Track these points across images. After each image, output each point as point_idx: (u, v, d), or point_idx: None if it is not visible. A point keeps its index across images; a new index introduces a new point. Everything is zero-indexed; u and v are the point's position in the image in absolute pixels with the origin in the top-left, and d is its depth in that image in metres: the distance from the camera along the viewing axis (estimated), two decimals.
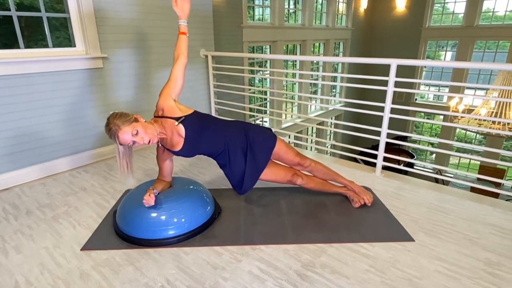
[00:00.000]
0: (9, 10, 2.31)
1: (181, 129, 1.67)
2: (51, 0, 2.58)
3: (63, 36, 2.70)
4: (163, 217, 1.67)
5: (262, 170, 1.85)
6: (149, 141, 1.57)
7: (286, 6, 6.54)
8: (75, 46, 2.64)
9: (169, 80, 1.71)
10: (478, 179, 5.65)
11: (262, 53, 6.31)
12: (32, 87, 2.39)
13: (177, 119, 1.66)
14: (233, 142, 1.79)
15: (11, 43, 2.39)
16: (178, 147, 1.71)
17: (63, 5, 2.56)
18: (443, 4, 8.48)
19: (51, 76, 2.48)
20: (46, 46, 2.56)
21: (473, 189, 3.25)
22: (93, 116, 2.79)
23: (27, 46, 2.44)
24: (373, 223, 1.86)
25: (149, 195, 1.65)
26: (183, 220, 1.70)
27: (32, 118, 2.43)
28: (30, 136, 2.44)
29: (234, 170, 1.83)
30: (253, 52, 6.00)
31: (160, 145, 1.75)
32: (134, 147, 1.63)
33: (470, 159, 9.25)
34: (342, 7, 8.18)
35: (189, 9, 1.82)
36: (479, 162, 7.93)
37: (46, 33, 2.53)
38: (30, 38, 2.52)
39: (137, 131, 1.52)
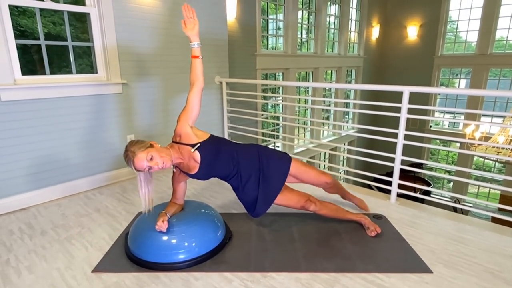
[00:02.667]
0: (38, 39, 2.47)
1: (197, 155, 1.71)
2: (76, 30, 2.75)
3: (85, 63, 2.85)
4: (174, 241, 1.67)
5: (276, 194, 1.85)
6: (163, 165, 1.61)
7: (299, 35, 6.73)
8: (97, 72, 2.77)
9: (186, 106, 1.75)
10: (500, 209, 5.42)
11: (275, 79, 6.44)
12: (55, 111, 2.50)
13: (193, 145, 1.70)
14: (246, 165, 1.82)
15: (38, 70, 2.54)
16: (194, 171, 1.74)
17: (87, 34, 2.73)
18: (455, 33, 8.55)
19: (74, 100, 2.59)
20: (70, 72, 2.70)
21: (494, 220, 3.11)
22: (111, 139, 2.87)
23: (52, 72, 2.58)
24: (389, 253, 1.79)
25: (162, 221, 1.66)
26: (193, 244, 1.69)
27: (53, 141, 2.52)
28: (50, 158, 2.52)
29: (247, 193, 1.84)
30: (266, 79, 6.14)
31: (176, 168, 1.78)
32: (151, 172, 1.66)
33: (490, 188, 8.93)
34: (354, 36, 8.36)
35: (198, 28, 1.74)
36: (499, 191, 7.64)
37: (71, 60, 2.68)
38: (54, 65, 2.67)
39: (152, 156, 1.57)
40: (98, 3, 2.63)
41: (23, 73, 2.36)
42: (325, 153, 8.08)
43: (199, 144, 1.71)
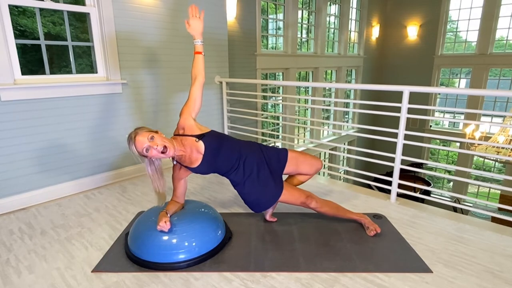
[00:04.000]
0: (38, 39, 2.47)
1: (201, 146, 1.73)
2: (76, 30, 2.75)
3: (85, 63, 2.85)
4: (174, 240, 1.66)
5: (281, 183, 1.92)
6: (165, 150, 1.58)
7: (299, 35, 6.72)
8: (97, 72, 2.77)
9: (188, 100, 1.79)
10: (500, 209, 5.43)
11: (275, 79, 6.44)
12: (55, 111, 2.50)
13: (197, 136, 1.72)
14: (249, 158, 1.85)
15: (37, 70, 2.54)
16: (196, 164, 1.75)
17: (87, 34, 2.72)
18: (455, 33, 8.55)
19: (73, 100, 2.59)
20: (70, 72, 2.70)
21: (494, 219, 3.12)
22: (111, 139, 2.87)
23: (52, 72, 2.58)
24: (389, 252, 1.79)
25: (165, 222, 1.65)
26: (193, 244, 1.69)
27: (53, 140, 2.52)
28: (50, 158, 2.52)
29: (249, 188, 1.86)
30: (266, 79, 6.13)
31: (176, 163, 1.79)
32: (151, 158, 1.64)
33: (490, 187, 8.93)
34: (354, 36, 8.35)
35: (202, 27, 1.80)
36: (499, 191, 7.63)
37: (71, 60, 2.68)
38: (54, 65, 2.67)
39: (153, 136, 1.58)
40: (98, 3, 2.63)
41: (23, 73, 2.36)
42: (325, 153, 8.08)
43: (204, 135, 1.74)
